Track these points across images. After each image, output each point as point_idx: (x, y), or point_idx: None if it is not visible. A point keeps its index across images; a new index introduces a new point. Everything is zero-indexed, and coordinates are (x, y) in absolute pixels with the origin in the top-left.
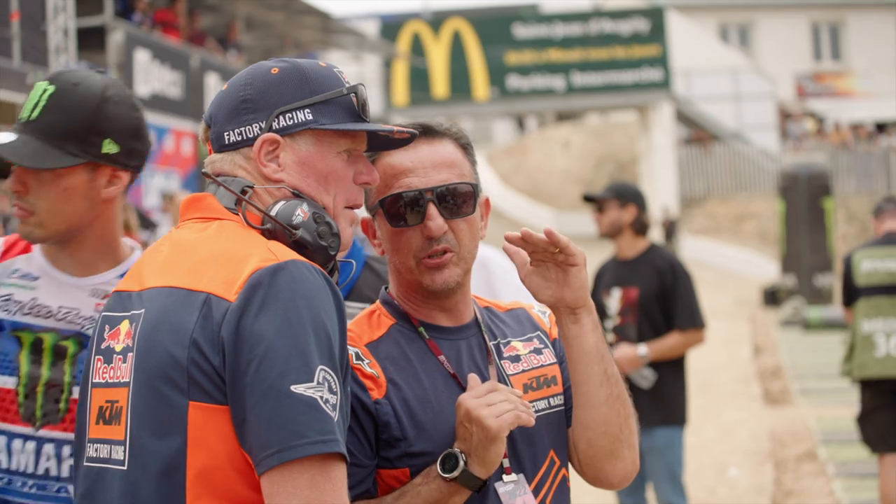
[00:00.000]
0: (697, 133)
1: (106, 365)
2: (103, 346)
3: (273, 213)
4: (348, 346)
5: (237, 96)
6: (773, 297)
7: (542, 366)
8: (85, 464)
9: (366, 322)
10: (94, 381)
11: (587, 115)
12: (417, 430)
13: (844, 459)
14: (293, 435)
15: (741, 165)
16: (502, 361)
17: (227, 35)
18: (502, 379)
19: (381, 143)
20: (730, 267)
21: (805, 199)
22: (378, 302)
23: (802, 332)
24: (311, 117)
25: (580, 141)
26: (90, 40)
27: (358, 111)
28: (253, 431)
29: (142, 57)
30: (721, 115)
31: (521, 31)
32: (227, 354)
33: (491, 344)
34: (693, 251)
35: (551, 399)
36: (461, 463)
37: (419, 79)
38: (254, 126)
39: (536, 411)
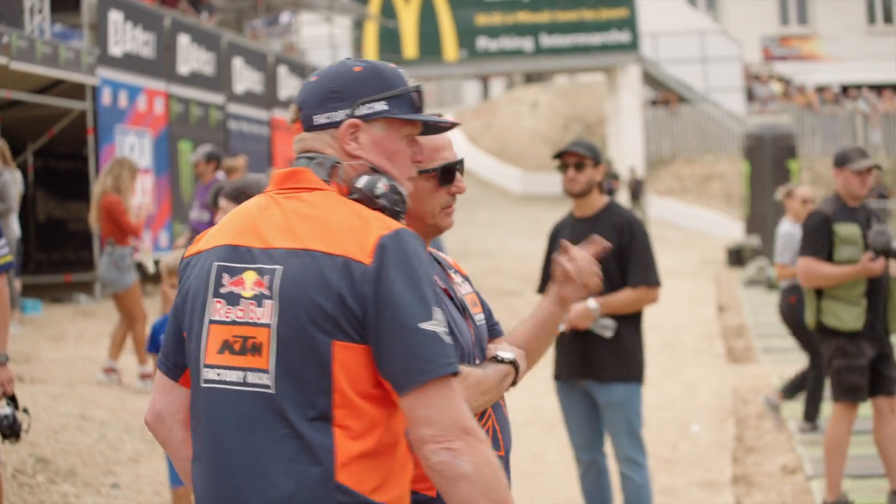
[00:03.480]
0: (664, 95)
1: (230, 306)
2: (223, 290)
3: (360, 185)
4: None
5: (327, 87)
6: (737, 257)
7: (470, 292)
8: (203, 385)
9: None
10: (213, 318)
11: (555, 76)
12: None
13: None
14: (428, 362)
15: (707, 127)
16: (455, 286)
17: None
18: (459, 297)
19: (431, 130)
20: (695, 227)
21: (770, 160)
22: None
23: (766, 291)
24: (385, 108)
25: (548, 102)
26: (64, 1)
27: (417, 104)
28: (394, 362)
29: (115, 17)
30: (688, 77)
31: None
32: (368, 305)
33: (448, 272)
34: (659, 211)
35: (481, 315)
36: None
37: (389, 40)
38: (340, 112)
39: (479, 321)
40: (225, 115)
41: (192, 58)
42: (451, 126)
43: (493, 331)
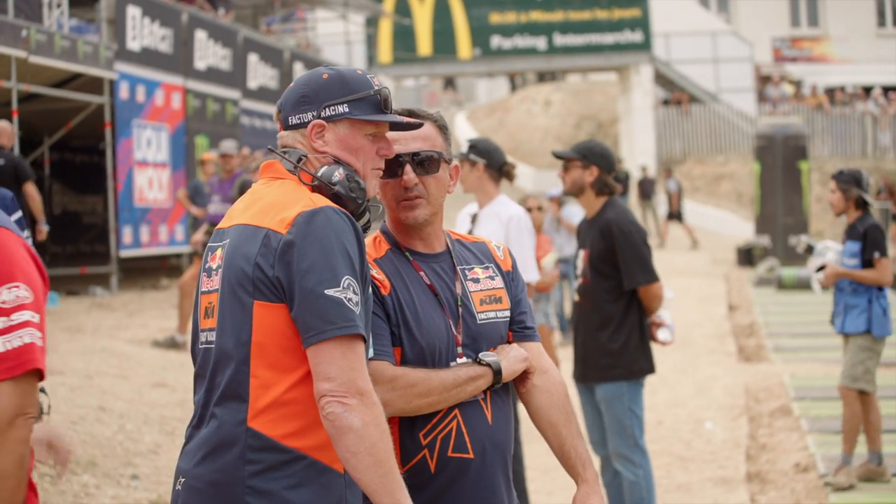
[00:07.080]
0: (676, 95)
1: (207, 278)
2: (206, 266)
3: (319, 174)
4: None
5: (299, 93)
6: (747, 257)
7: (494, 288)
8: (200, 346)
9: (372, 245)
10: (201, 290)
11: (568, 75)
12: (406, 321)
13: (817, 415)
14: (326, 322)
15: (719, 127)
16: (466, 282)
17: None
18: (465, 293)
19: (398, 127)
20: (706, 226)
21: (781, 160)
22: (379, 231)
23: (776, 290)
24: (347, 110)
25: (561, 100)
26: None
27: (381, 105)
28: (302, 320)
29: (133, 12)
30: (700, 78)
31: None
32: (280, 270)
33: (458, 268)
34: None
35: (498, 312)
36: (496, 359)
37: (404, 37)
38: (308, 114)
39: (485, 319)
40: (239, 110)
41: (208, 53)
42: (417, 125)
43: (521, 334)
